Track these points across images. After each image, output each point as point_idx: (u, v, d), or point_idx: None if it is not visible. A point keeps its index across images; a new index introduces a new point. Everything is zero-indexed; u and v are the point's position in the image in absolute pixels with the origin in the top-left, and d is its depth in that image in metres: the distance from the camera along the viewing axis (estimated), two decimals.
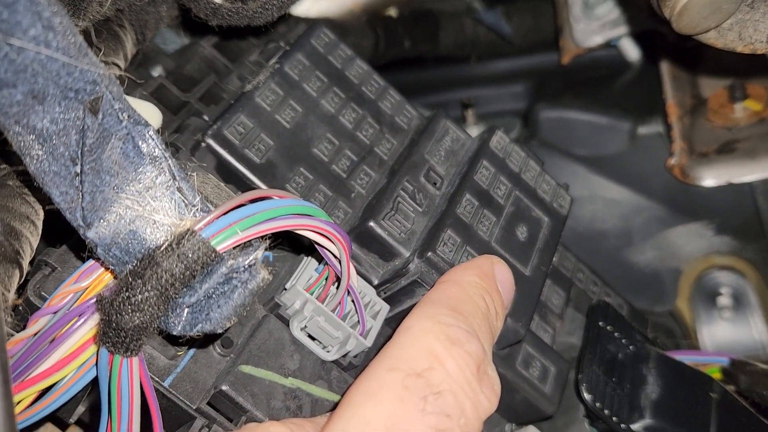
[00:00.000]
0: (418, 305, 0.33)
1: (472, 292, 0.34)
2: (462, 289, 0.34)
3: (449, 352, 0.29)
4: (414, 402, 0.28)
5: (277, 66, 0.48)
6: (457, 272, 0.36)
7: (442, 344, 0.29)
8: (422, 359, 0.29)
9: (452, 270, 0.37)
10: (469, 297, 0.34)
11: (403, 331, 0.31)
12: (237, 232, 0.32)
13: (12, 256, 0.35)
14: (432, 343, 0.29)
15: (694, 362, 0.58)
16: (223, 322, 0.32)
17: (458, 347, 0.29)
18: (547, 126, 0.83)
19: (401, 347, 0.30)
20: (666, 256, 0.78)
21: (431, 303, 0.33)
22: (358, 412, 0.28)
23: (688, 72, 0.81)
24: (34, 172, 0.31)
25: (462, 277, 0.35)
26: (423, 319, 0.31)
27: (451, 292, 0.34)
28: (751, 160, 0.73)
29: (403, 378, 0.28)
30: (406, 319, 0.33)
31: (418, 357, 0.29)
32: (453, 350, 0.29)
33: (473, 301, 0.34)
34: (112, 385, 0.32)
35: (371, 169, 0.49)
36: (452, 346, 0.29)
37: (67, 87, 0.29)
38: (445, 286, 0.35)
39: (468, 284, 0.35)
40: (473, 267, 0.37)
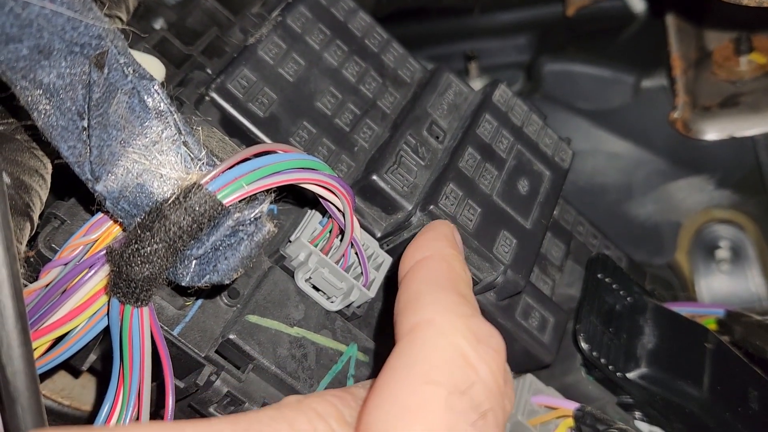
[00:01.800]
0: (424, 290, 0.31)
1: (458, 267, 0.33)
2: (450, 265, 0.33)
3: (480, 355, 0.27)
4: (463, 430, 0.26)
5: (280, 19, 0.48)
6: (431, 244, 0.34)
7: (470, 344, 0.28)
8: (459, 370, 0.27)
9: (422, 242, 0.35)
10: (458, 273, 0.32)
11: (424, 326, 0.28)
12: (243, 185, 0.32)
13: (22, 209, 0.35)
14: (462, 345, 0.28)
15: (691, 313, 0.59)
16: (230, 273, 0.33)
17: (486, 346, 0.28)
18: (550, 79, 0.82)
19: (431, 351, 0.27)
20: (666, 210, 0.79)
21: (438, 287, 0.31)
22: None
23: (694, 25, 0.80)
24: (42, 127, 0.31)
25: (442, 251, 0.34)
26: (441, 311, 0.29)
27: (444, 272, 0.32)
28: (755, 114, 0.73)
29: (446, 397, 0.26)
30: (416, 307, 0.30)
31: (455, 366, 0.27)
32: (483, 352, 0.28)
33: (463, 277, 0.32)
34: (123, 334, 0.33)
35: (374, 122, 0.49)
36: (480, 345, 0.28)
37: (73, 42, 0.30)
38: (434, 264, 0.33)
39: (452, 258, 0.33)
40: (444, 238, 0.35)
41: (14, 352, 0.26)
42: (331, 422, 0.26)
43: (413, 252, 0.34)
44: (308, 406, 0.27)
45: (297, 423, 0.26)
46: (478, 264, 0.45)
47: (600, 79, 0.80)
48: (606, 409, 0.52)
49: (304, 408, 0.27)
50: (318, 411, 0.27)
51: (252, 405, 0.39)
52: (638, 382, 0.49)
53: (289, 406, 0.27)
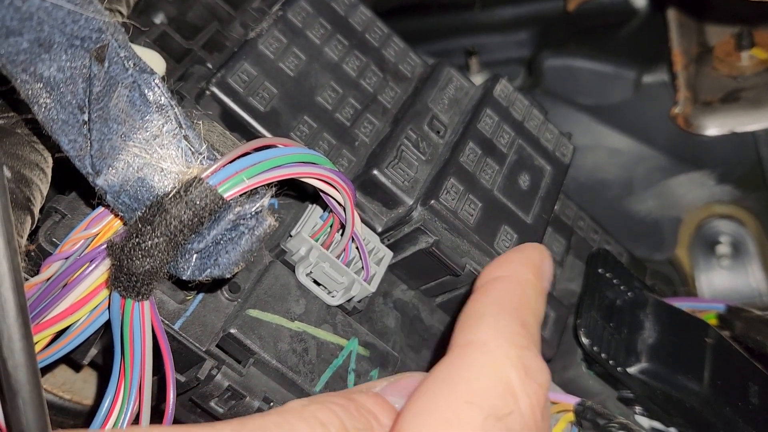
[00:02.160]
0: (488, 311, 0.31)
1: (532, 296, 0.32)
2: (524, 292, 0.32)
3: (524, 388, 0.28)
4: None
5: (280, 13, 0.48)
6: (515, 267, 0.34)
7: (518, 376, 0.28)
8: (501, 397, 0.27)
9: (505, 261, 0.34)
10: (530, 303, 0.32)
11: (477, 347, 0.29)
12: (243, 179, 0.32)
13: (23, 203, 0.35)
14: (510, 375, 0.28)
15: (691, 308, 0.59)
16: (231, 267, 0.33)
17: (532, 380, 0.28)
18: (551, 74, 0.82)
19: (478, 373, 0.28)
20: (667, 205, 0.79)
21: (502, 311, 0.31)
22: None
23: (695, 20, 0.80)
24: (42, 121, 0.31)
25: (521, 275, 0.33)
26: (498, 336, 0.29)
27: (515, 297, 0.32)
28: (756, 109, 0.72)
29: (483, 419, 0.26)
30: (474, 326, 0.30)
31: (497, 393, 0.27)
32: (528, 385, 0.28)
33: (533, 309, 0.32)
34: (124, 328, 0.33)
35: (375, 117, 0.49)
36: (527, 378, 0.28)
37: (73, 35, 0.30)
38: (507, 287, 0.32)
39: (527, 285, 0.33)
40: (529, 263, 0.34)
41: (15, 345, 0.26)
42: (332, 430, 0.27)
43: (493, 268, 0.34)
44: (311, 414, 0.27)
45: (298, 429, 0.26)
46: (479, 259, 0.45)
47: (601, 74, 0.80)
48: (606, 404, 0.52)
49: (307, 416, 0.27)
50: (321, 420, 0.27)
51: (253, 399, 0.39)
52: (639, 376, 0.49)
53: (293, 413, 0.27)
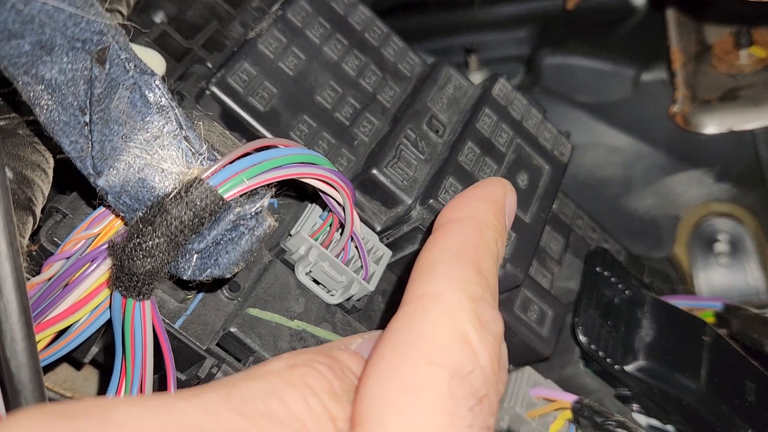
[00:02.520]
0: (442, 259, 0.29)
1: (489, 236, 0.31)
2: (481, 234, 0.31)
3: (482, 341, 0.27)
4: (463, 416, 0.25)
5: (280, 12, 0.48)
6: (473, 205, 0.32)
7: (474, 329, 0.27)
8: (462, 354, 0.26)
9: (464, 200, 0.32)
10: (487, 246, 0.31)
11: (431, 299, 0.28)
12: (243, 180, 0.32)
13: (25, 203, 0.36)
14: (466, 328, 0.27)
15: (689, 306, 0.60)
16: (231, 267, 0.33)
17: (487, 332, 0.27)
18: (550, 72, 0.82)
19: (435, 329, 0.27)
20: (665, 203, 0.79)
21: (456, 258, 0.29)
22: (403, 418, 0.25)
23: (694, 18, 0.80)
24: (44, 122, 0.31)
25: (480, 215, 0.31)
26: (452, 287, 0.28)
27: (471, 239, 0.30)
28: (754, 107, 0.73)
29: (449, 380, 0.25)
30: (428, 276, 0.29)
31: (458, 349, 0.26)
32: (484, 336, 0.27)
33: (492, 252, 0.31)
34: (125, 327, 0.33)
35: (374, 116, 0.50)
36: (482, 330, 0.27)
37: (74, 37, 0.30)
38: (464, 230, 0.31)
39: (486, 226, 0.31)
40: (489, 200, 0.32)
41: (18, 345, 0.26)
42: (323, 398, 0.25)
43: (451, 209, 0.32)
44: (300, 379, 0.25)
45: (290, 399, 0.25)
46: None
47: (600, 72, 0.80)
48: (604, 402, 0.53)
49: (296, 381, 0.25)
50: (310, 384, 0.26)
51: None
52: (636, 374, 0.50)
53: (279, 377, 0.25)
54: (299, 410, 0.24)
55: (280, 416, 0.24)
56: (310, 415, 0.24)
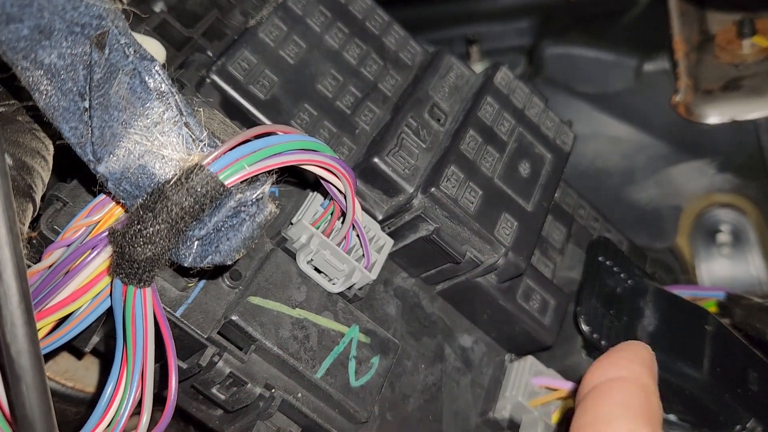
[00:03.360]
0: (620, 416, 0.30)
1: (654, 401, 0.31)
2: (648, 398, 0.31)
3: None
4: None
5: (280, 1, 0.48)
6: (630, 367, 0.32)
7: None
8: None
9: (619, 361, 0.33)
10: (655, 409, 0.31)
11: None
12: (244, 166, 0.32)
13: (25, 190, 0.35)
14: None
15: (691, 296, 0.60)
16: (232, 254, 0.33)
17: None
18: (552, 62, 0.82)
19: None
20: (667, 194, 0.79)
21: (635, 418, 0.30)
22: None
23: (697, 7, 0.80)
24: (43, 108, 0.31)
25: (640, 378, 0.32)
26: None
27: (641, 401, 0.31)
28: (757, 97, 0.72)
29: None
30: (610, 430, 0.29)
31: None
32: None
33: (658, 415, 0.31)
34: (126, 315, 0.33)
35: (375, 105, 0.49)
36: None
37: (73, 22, 0.30)
38: (632, 390, 0.31)
39: (650, 391, 0.32)
40: (641, 363, 0.33)
41: (18, 330, 0.26)
42: None
43: (604, 368, 0.32)
44: None
45: None
46: (480, 246, 0.45)
47: (602, 62, 0.80)
48: None
49: None
50: None
51: (254, 386, 0.39)
52: None
53: None
54: None
55: None
56: None
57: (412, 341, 0.48)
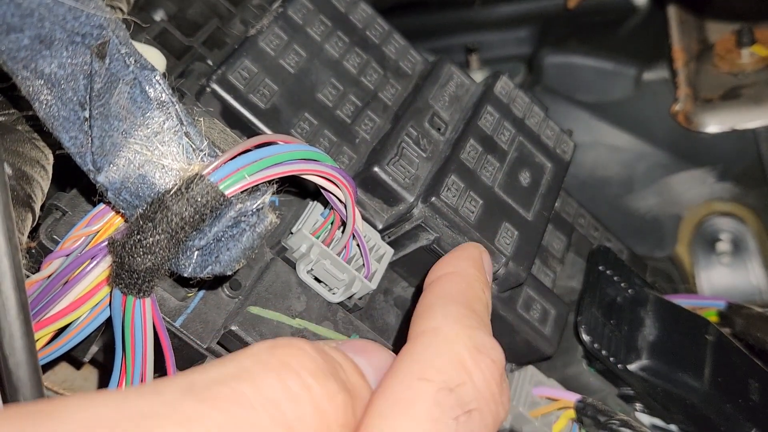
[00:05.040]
0: (438, 303, 0.32)
1: (477, 286, 0.35)
2: (469, 284, 0.34)
3: (476, 363, 0.29)
4: (446, 423, 0.27)
5: (281, 10, 0.48)
6: (457, 263, 0.36)
7: (469, 353, 0.29)
8: (453, 371, 0.29)
9: (449, 260, 0.37)
10: (476, 292, 0.34)
11: (431, 333, 0.30)
12: (245, 176, 0.32)
13: (24, 200, 0.35)
14: (461, 352, 0.29)
15: (692, 306, 0.59)
16: (232, 264, 0.33)
17: (484, 356, 0.30)
18: (551, 71, 0.82)
19: (432, 354, 0.29)
20: (667, 203, 0.79)
21: (451, 301, 0.33)
22: (390, 424, 0.26)
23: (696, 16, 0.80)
24: (43, 117, 0.31)
25: (465, 270, 0.36)
26: (450, 321, 0.31)
27: (461, 288, 0.34)
28: (756, 106, 0.72)
29: (435, 392, 0.27)
30: (428, 316, 0.32)
31: (450, 368, 0.29)
32: (480, 360, 0.29)
33: (479, 297, 0.34)
34: (125, 325, 0.33)
35: (375, 114, 0.49)
36: (479, 354, 0.29)
37: (74, 31, 0.29)
38: (454, 280, 0.35)
39: (471, 278, 0.35)
40: (468, 258, 0.37)
41: (17, 342, 0.26)
42: (304, 377, 0.24)
43: (439, 267, 0.36)
44: (278, 360, 0.24)
45: (263, 380, 0.23)
46: None
47: (601, 71, 0.80)
48: (607, 401, 0.52)
49: (273, 362, 0.24)
50: (290, 364, 0.24)
51: None
52: (639, 373, 0.50)
53: (254, 358, 0.24)
54: (274, 392, 0.23)
55: (249, 399, 0.22)
56: (286, 397, 0.23)
57: None
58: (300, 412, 0.23)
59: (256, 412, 0.22)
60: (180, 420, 0.21)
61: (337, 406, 0.25)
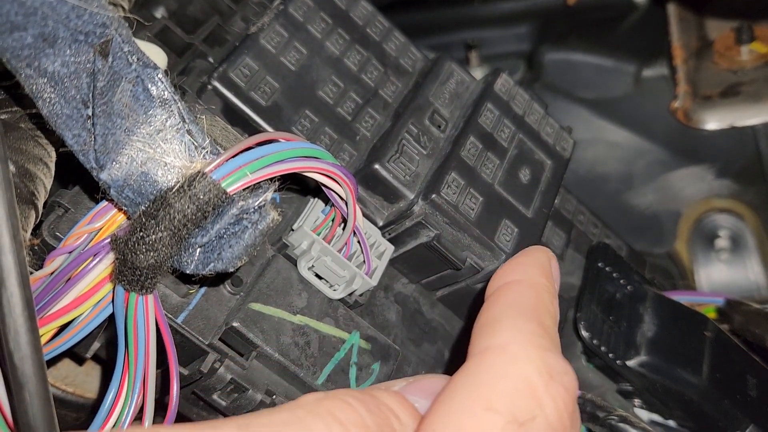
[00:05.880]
0: (505, 315, 0.30)
1: (546, 298, 0.32)
2: (538, 295, 0.31)
3: (548, 391, 0.27)
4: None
5: (282, 7, 0.48)
6: (525, 270, 0.33)
7: (541, 378, 0.27)
8: (523, 401, 0.26)
9: (515, 266, 0.33)
10: (546, 305, 0.31)
11: (497, 351, 0.28)
12: (246, 174, 0.32)
13: (27, 197, 0.36)
14: (532, 377, 0.27)
15: (691, 302, 0.60)
16: (234, 261, 0.33)
17: (557, 383, 0.27)
18: (551, 68, 0.82)
19: (499, 376, 0.27)
20: (666, 199, 0.79)
21: (520, 315, 0.30)
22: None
23: (695, 14, 0.80)
24: (46, 115, 0.31)
25: (533, 278, 0.32)
26: (518, 338, 0.28)
27: (530, 299, 0.31)
28: (755, 103, 0.73)
29: (503, 426, 0.25)
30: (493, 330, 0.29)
31: (519, 396, 0.26)
32: (552, 387, 0.27)
33: (549, 310, 0.31)
34: (128, 321, 0.33)
35: (376, 111, 0.50)
36: (551, 380, 0.27)
37: (77, 30, 0.30)
38: (522, 290, 0.32)
39: (541, 288, 0.32)
40: (537, 264, 0.33)
41: (22, 338, 0.26)
42: (351, 428, 0.25)
43: (504, 273, 0.33)
44: (326, 411, 0.25)
45: (312, 428, 0.24)
46: (480, 252, 0.46)
47: (601, 68, 0.80)
48: (606, 397, 0.53)
49: (322, 412, 0.25)
50: (337, 416, 0.25)
51: (255, 392, 0.39)
52: (638, 369, 0.50)
53: (305, 408, 0.25)
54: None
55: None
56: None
57: (413, 347, 0.48)
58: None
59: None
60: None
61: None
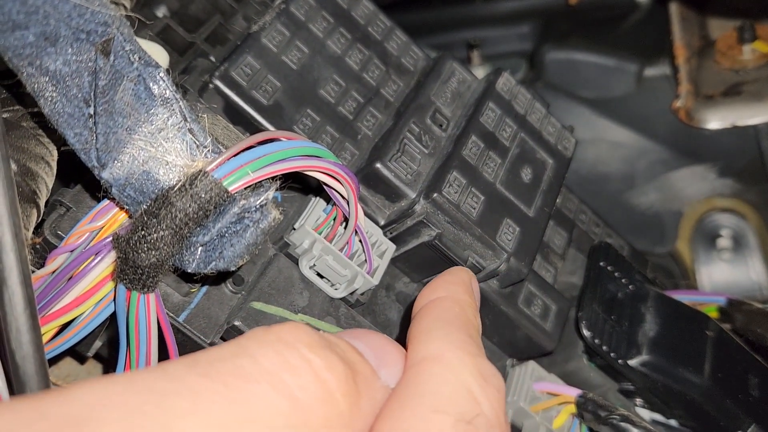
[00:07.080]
0: (435, 327, 0.32)
1: (469, 311, 0.34)
2: (462, 309, 0.34)
3: (484, 392, 0.29)
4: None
5: (283, 6, 0.48)
6: (448, 287, 0.36)
7: (477, 382, 0.29)
8: (465, 402, 0.28)
9: (440, 284, 0.36)
10: (469, 318, 0.34)
11: (433, 360, 0.30)
12: (248, 173, 0.32)
13: (29, 195, 0.36)
14: (468, 381, 0.29)
15: (692, 302, 0.60)
16: (235, 260, 0.33)
17: (490, 385, 0.29)
18: (553, 67, 0.82)
19: (440, 384, 0.29)
20: (668, 199, 0.79)
21: (449, 326, 0.32)
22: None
23: (697, 13, 0.80)
24: (48, 114, 0.31)
25: (457, 295, 0.35)
26: (453, 348, 0.30)
27: (455, 312, 0.33)
28: (757, 102, 0.73)
29: (453, 423, 0.27)
30: (426, 340, 0.31)
31: (461, 399, 0.28)
32: (487, 389, 0.29)
33: (473, 323, 0.34)
34: (130, 320, 0.33)
35: (377, 110, 0.50)
36: (485, 383, 0.29)
37: (79, 29, 0.30)
38: (448, 305, 0.34)
39: (464, 303, 0.35)
40: (460, 282, 0.36)
41: (24, 337, 0.26)
42: (302, 350, 0.25)
43: (430, 291, 0.35)
44: (275, 336, 0.25)
45: (262, 355, 0.24)
46: (482, 252, 0.46)
47: (603, 67, 0.80)
48: (607, 396, 0.53)
49: (271, 338, 0.25)
50: (287, 340, 0.25)
51: None
52: (640, 369, 0.50)
53: (253, 338, 0.25)
54: (272, 364, 0.24)
55: (250, 372, 0.23)
56: (285, 368, 0.24)
57: None
58: (301, 381, 0.24)
59: (258, 384, 0.23)
60: (186, 394, 0.22)
61: (338, 376, 0.25)
